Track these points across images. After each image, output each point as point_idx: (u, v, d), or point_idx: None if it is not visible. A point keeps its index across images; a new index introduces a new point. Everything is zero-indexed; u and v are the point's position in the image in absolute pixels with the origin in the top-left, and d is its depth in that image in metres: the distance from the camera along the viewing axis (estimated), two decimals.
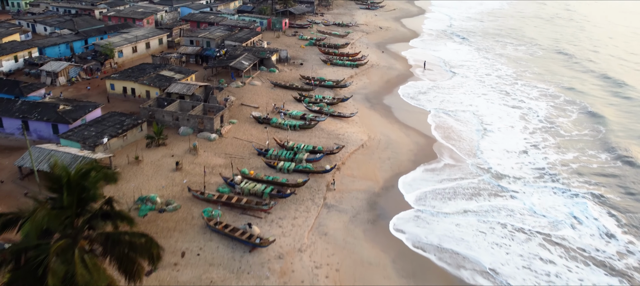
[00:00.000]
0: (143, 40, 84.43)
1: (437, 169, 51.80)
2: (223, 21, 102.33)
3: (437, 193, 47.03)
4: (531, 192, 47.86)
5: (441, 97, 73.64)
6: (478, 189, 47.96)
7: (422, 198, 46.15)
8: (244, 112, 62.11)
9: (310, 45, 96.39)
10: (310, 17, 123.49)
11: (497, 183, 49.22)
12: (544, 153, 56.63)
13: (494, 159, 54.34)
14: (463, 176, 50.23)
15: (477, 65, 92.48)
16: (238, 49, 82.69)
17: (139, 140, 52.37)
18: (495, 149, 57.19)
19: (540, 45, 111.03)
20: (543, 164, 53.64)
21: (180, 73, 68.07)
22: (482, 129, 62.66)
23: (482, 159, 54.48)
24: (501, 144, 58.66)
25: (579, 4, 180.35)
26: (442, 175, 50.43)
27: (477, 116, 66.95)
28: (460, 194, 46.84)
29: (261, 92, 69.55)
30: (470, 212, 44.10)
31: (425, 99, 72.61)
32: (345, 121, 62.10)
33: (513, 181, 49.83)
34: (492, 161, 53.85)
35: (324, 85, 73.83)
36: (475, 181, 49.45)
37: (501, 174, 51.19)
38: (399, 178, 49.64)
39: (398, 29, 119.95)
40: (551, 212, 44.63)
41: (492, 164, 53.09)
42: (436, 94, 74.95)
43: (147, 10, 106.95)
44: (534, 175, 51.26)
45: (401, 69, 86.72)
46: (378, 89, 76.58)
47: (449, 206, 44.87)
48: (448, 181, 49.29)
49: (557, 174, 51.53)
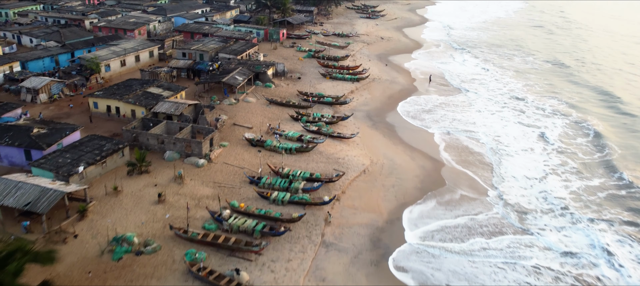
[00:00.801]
0: (132, 53, 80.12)
1: (448, 200, 47.04)
2: (218, 32, 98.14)
3: (448, 230, 42.32)
4: (558, 226, 43.28)
5: (450, 116, 69.08)
6: (497, 225, 43.10)
7: (431, 235, 41.57)
8: (237, 133, 57.64)
9: (309, 58, 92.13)
10: (309, 27, 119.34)
11: (518, 217, 44.41)
12: (565, 179, 52.06)
13: (514, 190, 49.44)
14: (480, 210, 45.35)
15: (486, 79, 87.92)
16: (232, 62, 78.38)
17: (120, 167, 47.85)
18: (515, 175, 52.36)
19: (545, 57, 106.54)
20: (566, 194, 48.83)
21: (168, 90, 63.65)
22: (498, 152, 57.96)
23: (501, 188, 49.64)
24: (519, 169, 53.94)
25: (578, 12, 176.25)
26: (453, 207, 45.74)
27: (490, 137, 62.23)
28: (477, 232, 42.05)
29: (256, 110, 65.10)
30: (489, 250, 39.53)
31: (431, 118, 68.05)
32: (345, 143, 57.62)
33: (537, 215, 44.96)
34: (512, 192, 49.01)
35: (323, 102, 69.42)
36: (493, 215, 44.57)
37: (523, 207, 46.29)
38: (405, 209, 45.13)
39: (400, 39, 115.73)
40: (582, 248, 40.20)
41: (511, 195, 48.32)
42: (445, 113, 70.34)
43: (139, 21, 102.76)
44: (559, 206, 46.42)
45: (404, 83, 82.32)
46: (380, 105, 72.16)
47: (463, 244, 40.25)
48: (462, 214, 44.54)
49: (584, 205, 46.92)
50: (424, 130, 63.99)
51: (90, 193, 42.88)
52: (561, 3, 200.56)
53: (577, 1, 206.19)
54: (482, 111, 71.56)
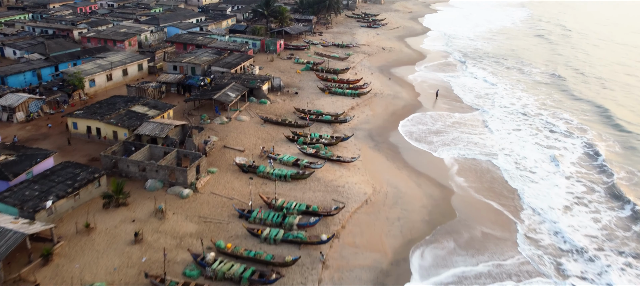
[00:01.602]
0: (119, 67, 75.54)
1: (466, 240, 42.15)
2: (212, 43, 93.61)
3: (468, 280, 37.33)
4: (596, 272, 38.46)
5: (461, 136, 64.28)
6: (531, 273, 38.04)
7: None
8: (227, 157, 52.93)
9: (307, 70, 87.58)
10: (308, 36, 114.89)
11: (554, 265, 39.24)
12: (594, 210, 47.74)
13: (544, 226, 44.52)
14: (506, 254, 40.22)
15: (497, 94, 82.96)
16: (225, 76, 73.79)
17: (96, 198, 43.11)
18: (542, 207, 47.50)
19: (553, 69, 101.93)
20: (597, 230, 44.13)
21: (155, 108, 59.01)
22: (519, 178, 53.19)
23: (528, 222, 44.83)
24: (545, 199, 49.08)
25: (582, 21, 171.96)
26: (473, 249, 40.76)
27: (509, 160, 57.43)
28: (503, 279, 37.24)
29: (249, 129, 60.43)
30: None
31: (437, 138, 63.36)
32: (345, 167, 52.91)
33: (573, 259, 40.01)
34: (542, 228, 44.15)
35: (321, 120, 64.74)
36: (522, 260, 39.49)
37: (557, 248, 41.31)
38: (412, 247, 40.36)
39: (402, 49, 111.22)
40: None
41: (541, 233, 43.40)
42: (454, 132, 65.64)
43: (130, 31, 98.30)
44: (593, 247, 41.59)
45: (408, 99, 77.67)
46: (383, 123, 67.49)
47: None
48: (485, 260, 39.52)
49: (621, 242, 42.31)
50: (430, 152, 59.23)
51: (59, 231, 38.19)
52: (564, 10, 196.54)
53: (581, 9, 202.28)
54: (499, 130, 66.50)
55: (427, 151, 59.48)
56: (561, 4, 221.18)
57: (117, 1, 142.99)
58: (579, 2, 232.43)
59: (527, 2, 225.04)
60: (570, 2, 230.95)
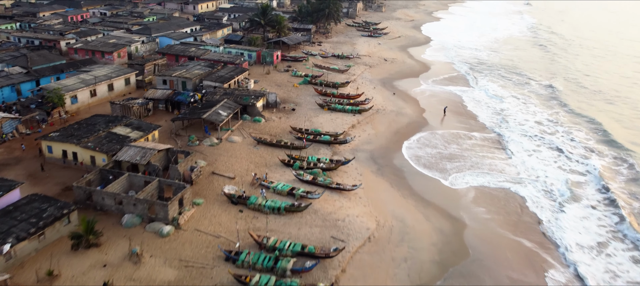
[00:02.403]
0: (104, 82, 70.77)
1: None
2: (205, 54, 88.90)
3: None
4: None
5: (472, 157, 59.54)
6: None
7: None
8: (216, 185, 48.05)
9: (305, 84, 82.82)
10: (307, 47, 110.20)
11: None
12: (631, 245, 42.75)
13: (590, 270, 39.80)
14: None
15: (510, 108, 78.02)
16: (218, 92, 69.01)
17: (65, 237, 38.21)
18: (580, 243, 42.85)
19: (563, 81, 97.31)
20: None
21: (138, 129, 54.19)
22: (548, 208, 48.38)
23: (561, 264, 40.08)
24: (580, 235, 44.37)
25: (587, 28, 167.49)
26: None
27: (535, 186, 52.56)
28: None
29: (241, 152, 55.55)
30: None
31: (448, 161, 58.50)
32: (346, 196, 48.02)
33: None
34: (581, 270, 39.58)
35: (320, 140, 59.87)
36: None
37: None
38: None
39: (405, 61, 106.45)
40: None
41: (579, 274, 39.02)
42: (468, 156, 60.79)
43: (120, 42, 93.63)
44: None
45: (413, 115, 72.81)
46: (386, 143, 62.63)
47: None
48: None
49: None
50: (438, 179, 54.32)
51: (17, 280, 33.26)
52: (567, 18, 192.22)
53: (586, 14, 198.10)
54: (519, 152, 61.39)
55: (435, 177, 54.50)
56: (563, 11, 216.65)
57: (109, 9, 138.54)
58: (584, 5, 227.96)
59: (529, 8, 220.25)
60: (573, 4, 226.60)
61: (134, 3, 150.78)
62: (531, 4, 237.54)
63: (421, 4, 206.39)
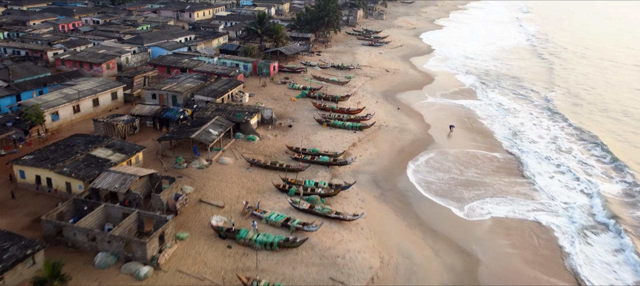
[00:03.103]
0: (89, 96, 66.48)
1: None
2: (198, 66, 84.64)
3: None
4: None
5: (486, 180, 55.16)
6: None
7: None
8: (203, 215, 43.62)
9: (303, 97, 78.52)
10: (305, 57, 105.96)
11: None
12: None
13: None
14: None
15: (522, 123, 73.76)
16: (209, 107, 64.73)
17: (28, 282, 33.71)
18: None
19: (574, 94, 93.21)
20: None
21: (120, 151, 49.82)
22: (579, 242, 43.97)
23: None
24: (619, 271, 40.28)
25: (594, 36, 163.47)
26: None
27: (562, 217, 47.97)
28: None
29: (232, 176, 51.14)
30: None
31: (458, 186, 54.05)
32: (346, 227, 43.60)
33: None
34: None
35: (318, 162, 55.43)
36: None
37: None
38: None
39: (408, 71, 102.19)
40: None
41: None
42: (481, 178, 56.39)
43: (109, 53, 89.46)
44: None
45: (417, 132, 68.42)
46: (389, 164, 58.23)
47: None
48: None
49: None
50: (448, 207, 49.89)
51: None
52: (568, 26, 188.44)
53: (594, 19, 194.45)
54: (540, 174, 56.81)
55: (443, 203, 50.06)
56: (563, 19, 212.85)
57: (102, 17, 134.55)
58: (582, 11, 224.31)
59: (530, 16, 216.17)
60: (570, 10, 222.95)
61: (128, 11, 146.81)
62: (530, 12, 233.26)
63: (423, 11, 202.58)
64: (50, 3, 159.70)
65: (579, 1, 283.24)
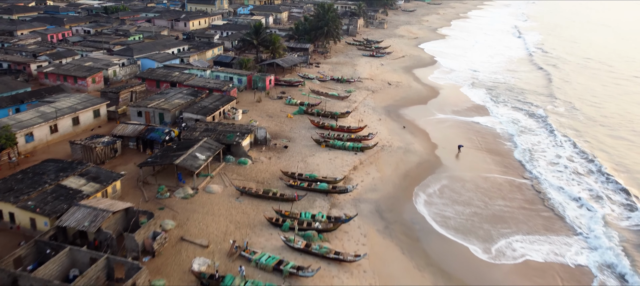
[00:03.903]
0: (68, 115, 61.46)
1: None
2: (189, 79, 79.73)
3: None
4: None
5: (505, 211, 50.02)
6: None
7: None
8: (184, 256, 38.44)
9: (300, 114, 73.51)
10: (303, 69, 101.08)
11: None
12: None
13: None
14: None
15: (539, 141, 68.68)
16: (198, 127, 59.75)
17: None
18: None
19: (588, 108, 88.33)
20: None
21: (95, 180, 44.73)
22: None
23: None
24: None
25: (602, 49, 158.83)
26: None
27: (597, 258, 42.77)
28: None
29: (220, 207, 46.01)
30: None
31: (482, 224, 48.85)
32: (346, 269, 38.52)
33: None
34: None
35: (315, 189, 50.30)
36: None
37: None
38: None
39: (411, 84, 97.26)
40: None
41: None
42: (498, 209, 51.26)
43: (96, 65, 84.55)
44: None
45: (423, 153, 63.37)
46: (393, 190, 53.13)
47: None
48: None
49: None
50: (463, 243, 44.68)
51: None
52: (569, 34, 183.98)
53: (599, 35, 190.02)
54: (567, 203, 51.67)
55: (457, 240, 44.87)
56: (561, 26, 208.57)
57: (94, 27, 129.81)
58: (581, 18, 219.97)
59: (532, 25, 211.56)
60: (568, 19, 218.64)
61: (121, 20, 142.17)
62: (530, 20, 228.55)
63: (424, 20, 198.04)
64: (41, 12, 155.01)
65: (578, 5, 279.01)
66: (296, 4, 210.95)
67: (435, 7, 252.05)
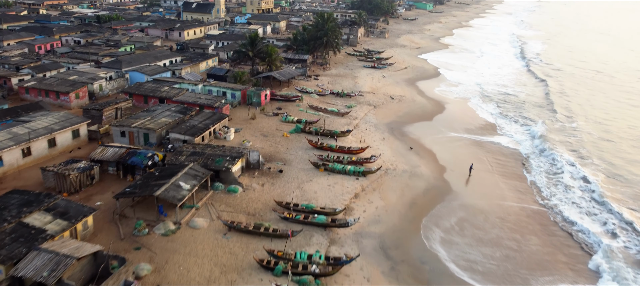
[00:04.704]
0: (44, 137, 56.28)
1: None
2: (180, 95, 74.65)
3: None
4: None
5: (529, 250, 44.78)
6: None
7: None
8: None
9: (297, 132, 68.39)
10: (301, 82, 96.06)
11: None
12: None
13: None
14: None
15: (564, 169, 62.55)
16: (185, 150, 54.58)
17: None
18: None
19: (602, 126, 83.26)
20: None
21: (62, 216, 39.50)
22: None
23: None
24: None
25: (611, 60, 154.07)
26: None
27: None
28: None
29: (204, 247, 40.74)
30: None
31: (507, 267, 43.52)
32: None
33: None
34: None
35: (313, 223, 45.03)
36: None
37: None
38: None
39: (415, 98, 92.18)
40: None
41: None
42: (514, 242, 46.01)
43: (80, 79, 79.51)
44: None
45: (431, 177, 58.16)
46: (399, 222, 47.90)
47: None
48: None
49: None
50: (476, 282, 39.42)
51: None
52: (572, 43, 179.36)
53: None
54: (612, 253, 44.84)
55: (474, 283, 39.58)
56: (561, 34, 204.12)
57: (84, 37, 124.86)
58: (581, 27, 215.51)
59: (536, 34, 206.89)
60: (566, 27, 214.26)
61: (113, 29, 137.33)
62: (532, 29, 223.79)
63: (426, 28, 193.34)
64: (32, 21, 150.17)
65: (579, 9, 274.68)
66: (295, 12, 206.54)
67: (437, 15, 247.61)
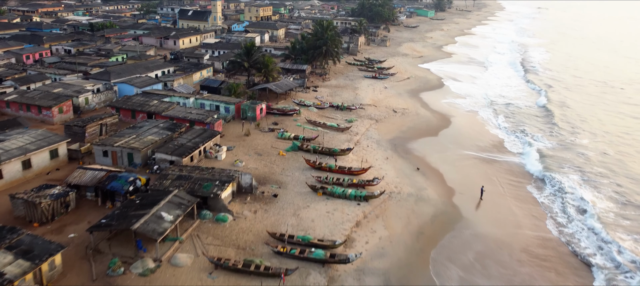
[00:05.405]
0: (17, 158, 51.67)
1: None
2: (169, 109, 70.20)
3: None
4: None
5: None
6: None
7: None
8: None
9: (294, 150, 63.83)
10: (299, 94, 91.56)
11: None
12: None
13: None
14: None
15: (572, 184, 58.92)
16: (170, 173, 49.95)
17: None
18: None
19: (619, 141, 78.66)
20: None
21: (25, 255, 34.85)
22: None
23: None
24: None
25: None
26: None
27: None
28: None
29: None
30: None
31: None
32: None
33: None
34: None
35: (309, 259, 40.35)
36: None
37: None
38: None
39: (419, 111, 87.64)
40: None
41: None
42: None
43: (65, 92, 75.05)
44: None
45: (439, 202, 53.48)
46: (405, 255, 43.24)
47: None
48: None
49: None
50: None
51: None
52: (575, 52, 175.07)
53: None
54: None
55: None
56: (560, 41, 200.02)
57: (75, 46, 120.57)
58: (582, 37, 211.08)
59: (539, 42, 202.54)
60: (563, 35, 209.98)
61: (106, 38, 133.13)
62: (535, 37, 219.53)
63: (428, 36, 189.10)
64: (23, 29, 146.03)
65: (579, 14, 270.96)
66: (294, 20, 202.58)
67: (439, 22, 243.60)
